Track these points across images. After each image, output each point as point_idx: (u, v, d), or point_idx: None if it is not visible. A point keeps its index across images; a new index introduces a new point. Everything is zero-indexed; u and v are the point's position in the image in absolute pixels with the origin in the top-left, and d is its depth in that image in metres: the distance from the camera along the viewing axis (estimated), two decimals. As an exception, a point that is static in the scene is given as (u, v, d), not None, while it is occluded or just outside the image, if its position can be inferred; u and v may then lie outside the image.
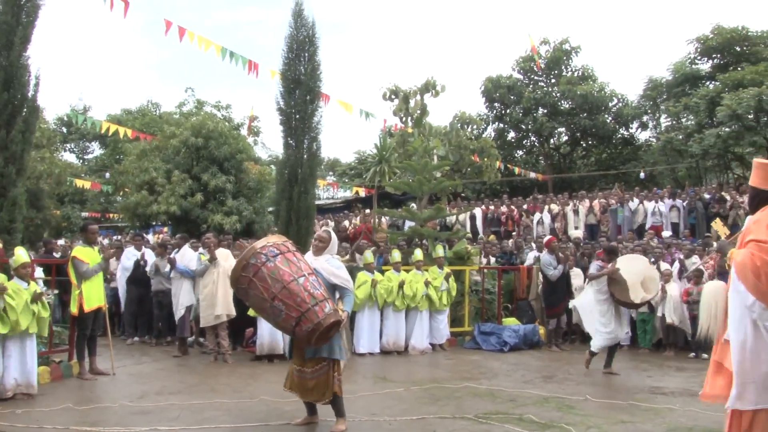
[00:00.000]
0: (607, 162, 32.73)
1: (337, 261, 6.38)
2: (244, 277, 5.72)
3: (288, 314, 5.58)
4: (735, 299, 4.37)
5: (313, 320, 5.54)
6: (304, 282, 5.66)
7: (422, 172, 13.71)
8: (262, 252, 5.74)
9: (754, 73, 23.63)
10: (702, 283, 11.32)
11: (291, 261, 5.79)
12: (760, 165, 4.81)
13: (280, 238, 6.15)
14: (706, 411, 6.74)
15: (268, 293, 5.62)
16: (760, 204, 4.68)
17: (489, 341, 11.91)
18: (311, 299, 5.57)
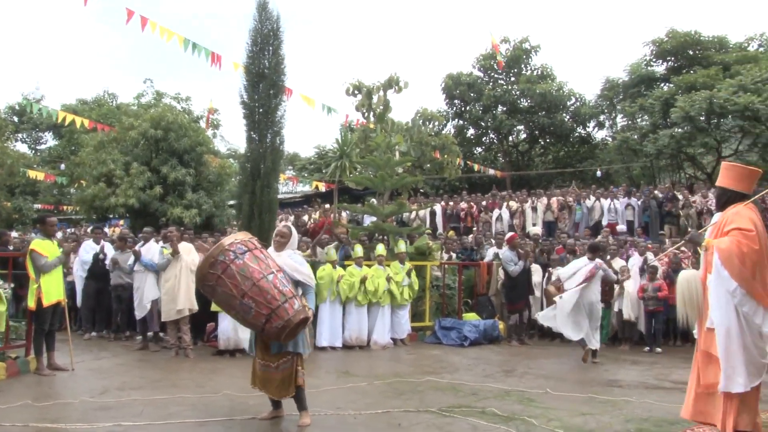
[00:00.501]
0: (565, 160, 33.23)
1: (299, 257, 6.38)
2: (212, 274, 5.68)
3: (258, 311, 5.58)
4: (718, 286, 4.66)
5: (283, 317, 5.55)
6: (274, 279, 5.67)
7: (385, 168, 13.77)
8: (230, 249, 5.72)
9: (705, 77, 24.32)
10: (657, 279, 11.63)
11: (259, 258, 5.79)
12: (730, 167, 5.29)
13: (246, 234, 6.13)
14: (660, 402, 6.98)
15: (238, 290, 5.60)
16: (728, 202, 5.15)
17: (449, 336, 12.06)
18: (281, 296, 5.59)
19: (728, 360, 4.69)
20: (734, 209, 5.06)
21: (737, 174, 5.28)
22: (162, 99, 31.23)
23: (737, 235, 4.80)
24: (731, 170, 5.34)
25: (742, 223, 4.90)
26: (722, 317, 4.73)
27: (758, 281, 4.82)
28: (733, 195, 5.19)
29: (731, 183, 5.24)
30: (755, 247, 4.81)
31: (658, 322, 11.59)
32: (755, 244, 4.81)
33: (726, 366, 4.68)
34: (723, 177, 5.34)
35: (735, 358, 4.70)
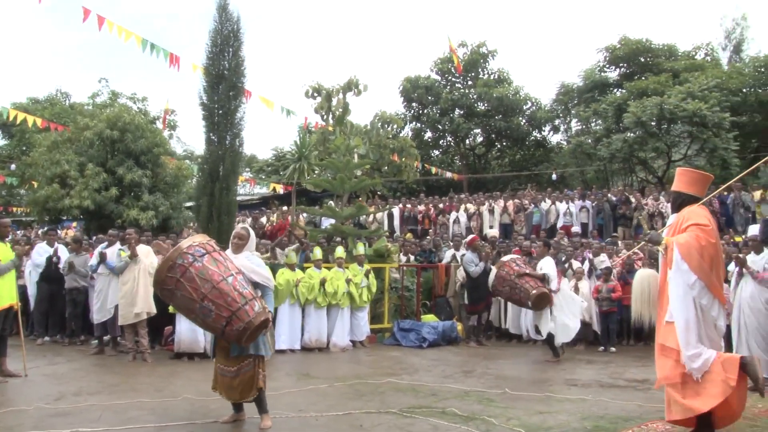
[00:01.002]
0: (521, 163, 33.62)
1: (257, 258, 6.39)
2: (171, 278, 5.63)
3: (218, 314, 5.55)
4: (677, 280, 4.85)
5: (244, 319, 5.53)
6: (233, 281, 5.65)
7: (344, 171, 13.80)
8: (189, 252, 5.68)
9: (656, 83, 24.98)
10: (611, 280, 11.89)
11: (218, 260, 5.76)
12: (684, 172, 5.61)
13: (204, 237, 6.10)
14: (615, 400, 7.16)
15: (197, 294, 5.56)
16: (683, 204, 5.36)
17: (408, 338, 12.13)
18: (241, 298, 5.57)
19: (688, 350, 4.88)
20: (690, 208, 5.27)
21: (691, 178, 5.50)
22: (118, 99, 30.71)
23: (695, 229, 5.00)
24: (685, 175, 5.57)
25: (698, 219, 5.12)
26: (682, 309, 4.90)
27: (714, 275, 5.03)
28: (687, 198, 5.41)
29: (685, 187, 5.45)
30: (712, 241, 5.05)
31: (612, 322, 11.85)
32: (712, 237, 5.06)
33: (686, 355, 4.88)
34: (678, 181, 5.55)
35: (692, 347, 4.90)
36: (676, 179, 5.63)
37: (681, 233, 5.16)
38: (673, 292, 4.98)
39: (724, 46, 32.27)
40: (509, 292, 10.63)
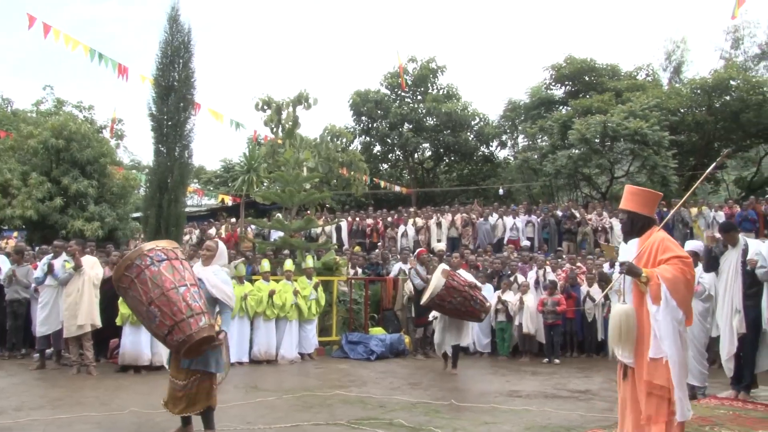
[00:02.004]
0: (468, 178, 34.05)
1: (224, 274, 6.37)
2: (126, 276, 5.63)
3: (162, 321, 5.52)
4: (667, 317, 4.68)
5: (185, 331, 5.49)
6: (185, 292, 5.62)
7: (293, 184, 13.85)
8: (149, 255, 5.68)
9: (600, 102, 25.77)
10: (557, 293, 12.20)
11: (176, 269, 5.73)
12: (638, 192, 5.30)
13: (171, 243, 6.09)
14: (558, 410, 7.36)
15: (146, 297, 5.55)
16: (643, 228, 5.10)
17: (356, 350, 12.21)
18: (188, 310, 5.53)
19: (681, 389, 4.66)
20: (659, 236, 5.00)
21: (647, 199, 5.22)
22: (63, 107, 30.04)
23: (679, 263, 4.77)
24: (640, 195, 5.25)
25: (678, 250, 4.94)
26: (674, 347, 4.66)
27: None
28: (646, 221, 5.13)
29: (643, 209, 5.16)
30: (693, 273, 4.95)
31: (557, 334, 12.14)
32: (693, 270, 4.93)
33: (679, 396, 4.61)
34: (633, 202, 5.20)
35: (684, 388, 4.74)
36: (630, 199, 5.23)
37: (662, 264, 4.82)
38: (663, 330, 4.68)
39: (665, 67, 33.42)
40: (461, 303, 10.06)
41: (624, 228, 5.31)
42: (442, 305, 10.19)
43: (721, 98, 24.66)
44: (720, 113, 24.73)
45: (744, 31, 30.56)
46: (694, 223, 17.56)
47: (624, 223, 5.29)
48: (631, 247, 5.16)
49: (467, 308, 10.11)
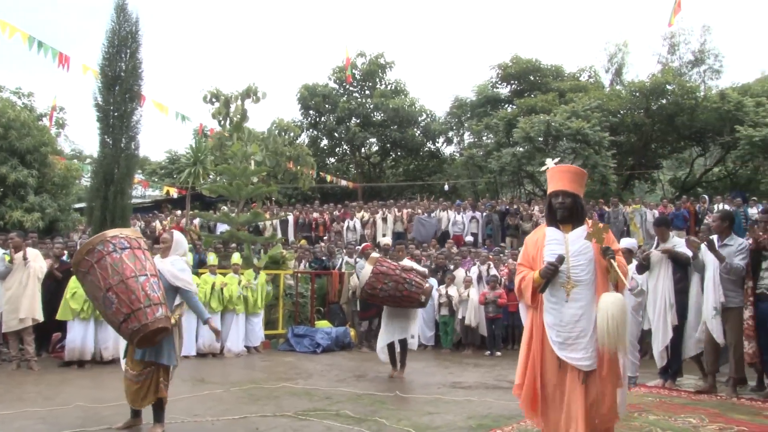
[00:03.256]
0: (414, 173, 34.35)
1: (182, 263, 6.40)
2: (87, 261, 5.64)
3: (118, 308, 5.54)
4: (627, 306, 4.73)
5: (141, 320, 5.53)
6: (144, 281, 5.64)
7: (241, 177, 13.85)
8: (112, 241, 5.70)
9: (544, 102, 26.41)
10: (498, 288, 12.52)
11: (138, 258, 5.75)
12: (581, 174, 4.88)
13: (135, 232, 6.13)
14: (499, 400, 7.63)
15: (105, 283, 5.56)
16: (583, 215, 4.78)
17: (302, 343, 12.32)
18: (145, 299, 5.56)
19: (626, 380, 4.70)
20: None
21: (584, 182, 4.97)
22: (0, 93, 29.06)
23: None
24: (582, 177, 4.91)
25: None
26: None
27: None
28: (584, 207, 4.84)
29: (582, 193, 4.83)
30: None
31: (498, 327, 12.47)
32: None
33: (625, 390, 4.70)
34: (578, 184, 4.79)
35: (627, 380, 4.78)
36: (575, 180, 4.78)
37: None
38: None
39: (607, 69, 34.25)
40: (394, 288, 9.17)
41: (564, 213, 4.71)
42: (375, 294, 9.36)
43: (658, 101, 25.51)
44: (657, 116, 25.59)
45: (680, 38, 31.58)
46: (631, 221, 18.19)
47: (566, 208, 4.70)
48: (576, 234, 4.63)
49: (402, 292, 9.22)
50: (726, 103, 23.42)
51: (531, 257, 4.80)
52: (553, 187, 4.79)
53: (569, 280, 4.54)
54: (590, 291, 4.53)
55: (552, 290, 4.59)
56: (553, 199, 4.78)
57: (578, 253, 4.59)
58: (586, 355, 4.43)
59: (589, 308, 4.47)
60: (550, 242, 4.71)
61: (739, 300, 7.70)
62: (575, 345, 4.47)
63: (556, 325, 4.56)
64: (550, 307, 4.60)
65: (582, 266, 4.55)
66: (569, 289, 4.53)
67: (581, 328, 4.48)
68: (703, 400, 7.40)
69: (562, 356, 4.49)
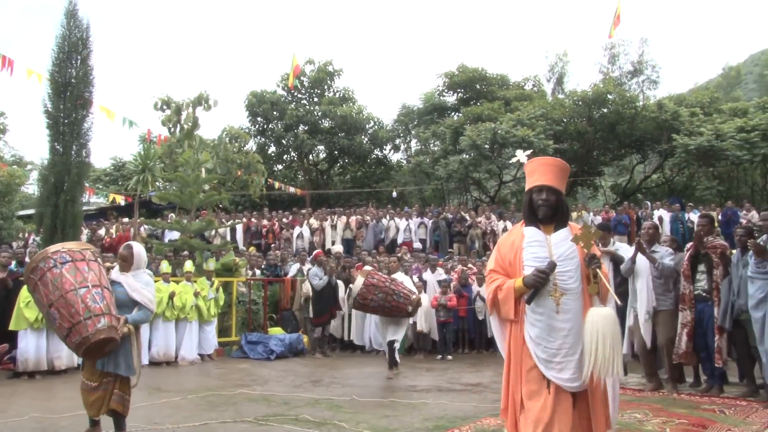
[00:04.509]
0: (362, 180, 34.55)
1: (146, 277, 6.38)
2: (32, 279, 5.68)
3: (60, 324, 5.55)
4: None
5: (82, 333, 5.49)
6: (85, 293, 5.58)
7: (193, 185, 13.81)
8: (53, 257, 5.68)
9: (490, 110, 27.00)
10: (449, 293, 12.77)
11: (79, 270, 5.70)
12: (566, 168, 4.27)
13: (80, 244, 6.11)
14: (453, 402, 7.86)
15: (47, 299, 5.56)
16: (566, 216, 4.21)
17: (256, 350, 12.36)
18: (85, 312, 5.51)
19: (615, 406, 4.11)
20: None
21: (567, 176, 4.35)
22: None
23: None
24: (566, 173, 4.29)
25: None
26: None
27: None
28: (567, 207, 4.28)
29: (564, 188, 4.22)
30: None
31: (449, 332, 12.72)
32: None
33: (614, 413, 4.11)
34: (562, 180, 4.20)
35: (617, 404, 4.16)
36: (560, 176, 4.17)
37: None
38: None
39: (548, 78, 35.21)
40: (383, 299, 9.89)
41: (547, 211, 4.08)
42: (365, 304, 10.11)
43: (599, 110, 26.34)
44: (598, 124, 26.39)
45: (619, 49, 32.69)
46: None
47: (550, 206, 4.08)
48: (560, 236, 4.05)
49: (391, 303, 9.95)
50: (663, 113, 24.36)
51: (507, 262, 4.11)
52: (535, 181, 4.15)
53: (556, 288, 3.92)
54: (579, 302, 3.95)
55: (538, 300, 3.94)
56: (536, 194, 4.14)
57: (564, 257, 3.98)
58: (575, 375, 3.84)
59: (578, 321, 3.89)
60: (531, 244, 4.06)
61: (669, 303, 8.22)
62: (564, 363, 3.86)
63: (542, 339, 3.91)
64: (535, 320, 3.94)
65: (570, 273, 3.95)
66: (558, 299, 3.92)
67: (570, 344, 3.88)
68: (646, 396, 7.79)
69: (549, 376, 3.86)
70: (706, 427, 5.98)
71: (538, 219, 4.12)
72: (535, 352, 3.93)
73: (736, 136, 21.82)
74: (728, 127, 22.46)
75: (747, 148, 21.52)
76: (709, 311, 7.90)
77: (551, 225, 4.10)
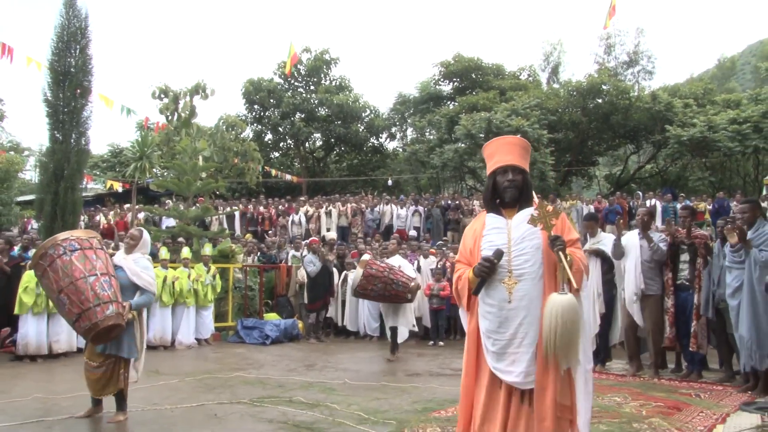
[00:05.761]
0: (358, 168, 34.78)
1: (146, 261, 6.62)
2: (41, 265, 5.90)
3: (70, 309, 5.80)
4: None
5: (91, 319, 5.77)
6: (94, 281, 5.86)
7: (191, 173, 14.02)
8: (62, 244, 5.92)
9: (485, 99, 27.19)
10: (443, 280, 13.00)
11: (88, 258, 5.97)
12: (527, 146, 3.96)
13: (87, 233, 6.34)
14: (442, 386, 8.11)
15: (57, 286, 5.81)
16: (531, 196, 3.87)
17: (252, 335, 12.62)
18: (95, 299, 5.79)
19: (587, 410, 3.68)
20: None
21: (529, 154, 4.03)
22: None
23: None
24: (528, 151, 3.97)
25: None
26: (582, 354, 3.60)
27: None
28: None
29: (526, 164, 3.87)
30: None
31: (441, 318, 12.98)
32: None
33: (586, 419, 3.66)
34: (525, 160, 3.87)
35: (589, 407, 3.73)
36: (522, 155, 3.83)
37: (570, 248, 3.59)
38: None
39: (543, 68, 35.38)
40: (383, 288, 10.32)
41: (514, 192, 3.75)
42: (366, 294, 10.63)
43: (594, 101, 26.57)
44: (593, 114, 26.63)
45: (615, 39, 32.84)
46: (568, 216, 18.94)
47: (516, 186, 3.75)
48: (521, 218, 3.70)
49: (390, 292, 10.38)
50: (657, 104, 24.59)
51: (469, 251, 3.83)
52: (498, 161, 3.79)
53: (510, 275, 3.57)
54: (536, 288, 3.56)
55: (489, 290, 3.62)
56: (500, 176, 3.78)
57: (521, 239, 3.62)
58: (529, 368, 3.50)
59: (534, 309, 3.52)
60: (490, 231, 3.74)
61: (657, 288, 8.50)
62: (518, 355, 3.53)
63: (492, 332, 3.61)
64: (486, 311, 3.65)
65: (526, 256, 3.58)
66: (511, 287, 3.56)
67: (523, 335, 3.54)
68: (628, 381, 8.07)
69: (495, 369, 3.58)
70: (680, 410, 6.25)
71: (505, 202, 3.79)
72: (485, 344, 3.66)
73: (729, 128, 22.08)
74: (721, 118, 22.71)
75: (739, 139, 21.80)
76: (692, 300, 8.20)
77: (515, 208, 3.76)
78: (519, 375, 3.50)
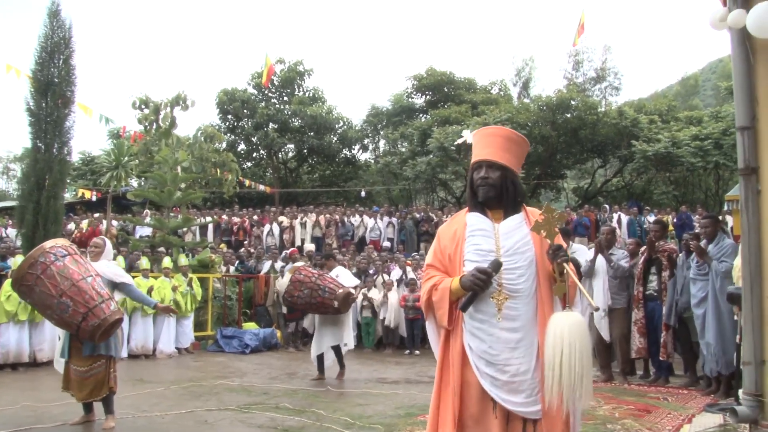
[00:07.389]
0: (331, 179, 34.94)
1: (114, 265, 7.08)
2: (31, 274, 5.94)
3: (75, 310, 5.92)
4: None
5: (99, 316, 5.96)
6: (92, 281, 6.10)
7: (171, 183, 14.17)
8: (51, 251, 6.06)
9: (457, 113, 27.69)
10: (417, 291, 13.29)
11: (79, 262, 6.18)
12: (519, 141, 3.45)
13: (65, 241, 6.57)
14: (422, 393, 8.36)
15: (57, 290, 5.91)
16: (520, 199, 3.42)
17: (231, 344, 12.80)
18: (99, 297, 6.02)
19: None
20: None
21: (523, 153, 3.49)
22: None
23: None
24: (521, 147, 3.44)
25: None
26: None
27: None
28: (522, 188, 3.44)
29: (518, 168, 3.42)
30: None
31: (417, 328, 13.25)
32: None
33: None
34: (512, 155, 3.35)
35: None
36: (508, 148, 3.32)
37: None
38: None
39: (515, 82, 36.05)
40: (309, 295, 9.44)
41: (487, 192, 3.27)
42: (293, 301, 9.79)
43: (563, 115, 27.12)
44: (562, 129, 27.17)
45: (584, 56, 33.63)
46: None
47: (490, 185, 3.26)
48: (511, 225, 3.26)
49: (316, 299, 9.46)
50: (623, 119, 25.24)
51: (447, 256, 3.32)
52: (474, 156, 3.39)
53: (500, 289, 3.14)
54: (530, 307, 3.14)
55: (476, 304, 3.15)
56: (475, 173, 3.35)
57: (513, 251, 3.18)
58: (530, 398, 3.05)
59: (530, 331, 3.11)
60: (474, 233, 3.27)
61: (623, 301, 9.01)
62: (516, 384, 3.06)
63: (484, 353, 3.13)
64: (474, 328, 3.17)
65: (520, 270, 3.15)
66: (501, 302, 3.14)
67: (520, 360, 3.09)
68: (600, 387, 8.46)
69: (497, 397, 3.07)
70: (650, 412, 6.70)
71: (481, 202, 3.33)
72: (477, 365, 3.14)
73: (691, 144, 22.76)
74: (684, 134, 23.41)
75: (701, 155, 22.48)
76: (659, 310, 8.66)
77: (500, 211, 3.30)
78: (522, 405, 3.04)
